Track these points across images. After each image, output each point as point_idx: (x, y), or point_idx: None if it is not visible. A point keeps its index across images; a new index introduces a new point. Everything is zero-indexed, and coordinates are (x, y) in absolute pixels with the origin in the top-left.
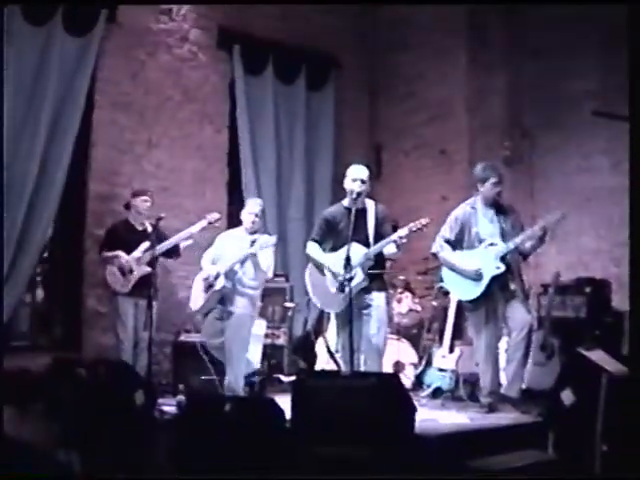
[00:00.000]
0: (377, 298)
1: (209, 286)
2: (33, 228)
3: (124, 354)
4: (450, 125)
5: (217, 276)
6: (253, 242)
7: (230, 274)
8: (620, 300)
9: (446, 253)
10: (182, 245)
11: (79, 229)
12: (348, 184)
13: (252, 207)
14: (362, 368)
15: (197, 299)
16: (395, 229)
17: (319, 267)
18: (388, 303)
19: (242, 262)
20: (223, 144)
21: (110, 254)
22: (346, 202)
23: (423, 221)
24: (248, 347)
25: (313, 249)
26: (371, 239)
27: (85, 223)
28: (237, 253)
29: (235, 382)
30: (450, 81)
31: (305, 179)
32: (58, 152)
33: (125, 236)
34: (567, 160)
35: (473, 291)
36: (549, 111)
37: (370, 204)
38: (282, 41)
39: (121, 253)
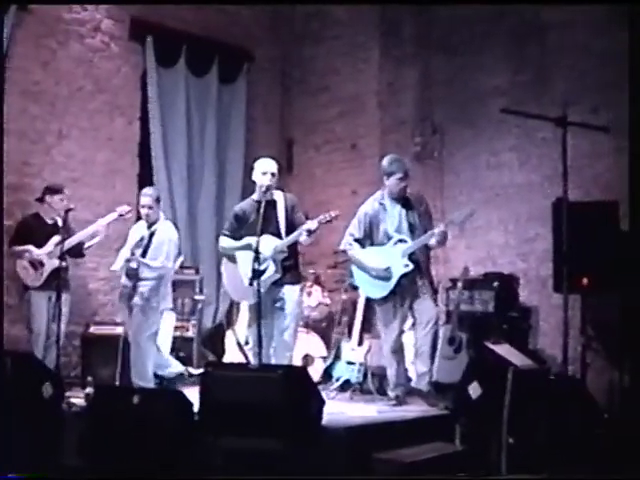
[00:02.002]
0: (291, 291)
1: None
2: None
3: (37, 347)
4: (361, 120)
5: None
6: (152, 234)
7: (129, 270)
8: (527, 295)
9: (355, 251)
10: (89, 243)
11: None
12: (258, 177)
13: (142, 199)
14: (272, 361)
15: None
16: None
17: (232, 259)
18: (301, 295)
19: (134, 257)
20: (134, 136)
21: (20, 248)
22: (256, 196)
23: (332, 213)
24: (154, 339)
25: (226, 241)
26: (282, 230)
27: None
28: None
29: (142, 374)
30: (362, 76)
31: (216, 172)
32: None
33: (36, 230)
34: (477, 156)
35: (382, 290)
36: (459, 107)
37: (279, 195)
38: (195, 33)
39: (32, 247)
